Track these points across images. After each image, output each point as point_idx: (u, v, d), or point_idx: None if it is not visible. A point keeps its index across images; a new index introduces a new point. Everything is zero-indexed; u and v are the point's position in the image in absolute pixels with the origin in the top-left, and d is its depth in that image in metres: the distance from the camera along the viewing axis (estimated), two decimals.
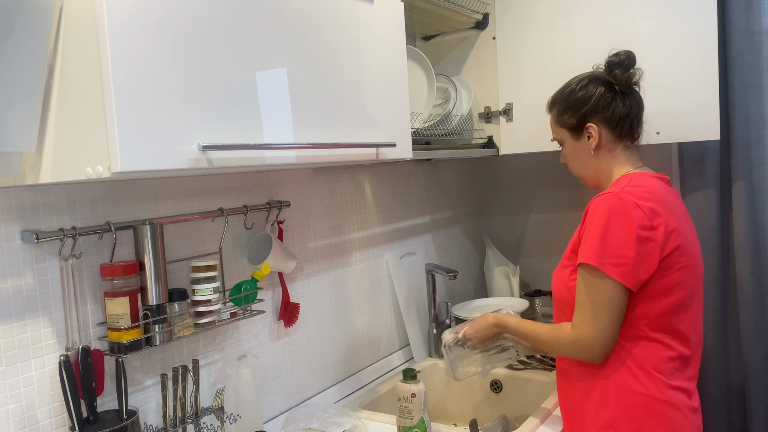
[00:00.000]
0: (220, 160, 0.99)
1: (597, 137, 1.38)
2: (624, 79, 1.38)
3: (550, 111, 1.48)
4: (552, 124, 1.48)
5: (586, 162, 1.43)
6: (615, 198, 1.25)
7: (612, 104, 1.37)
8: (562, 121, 1.43)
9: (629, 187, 1.28)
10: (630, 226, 1.23)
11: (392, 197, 2.07)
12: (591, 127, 1.39)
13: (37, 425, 1.11)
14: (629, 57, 1.38)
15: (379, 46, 1.35)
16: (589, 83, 1.40)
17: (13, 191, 1.08)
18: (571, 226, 2.40)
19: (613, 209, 1.24)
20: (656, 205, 1.26)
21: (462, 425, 1.81)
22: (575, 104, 1.40)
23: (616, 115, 1.38)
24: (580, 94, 1.40)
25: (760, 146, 1.84)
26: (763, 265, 1.87)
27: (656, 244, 1.24)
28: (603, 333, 1.25)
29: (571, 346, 1.30)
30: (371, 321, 1.93)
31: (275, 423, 1.56)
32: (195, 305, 1.29)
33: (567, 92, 1.43)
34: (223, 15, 1.00)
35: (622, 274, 1.23)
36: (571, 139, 1.43)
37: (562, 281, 1.37)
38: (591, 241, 1.25)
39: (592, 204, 1.29)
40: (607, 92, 1.38)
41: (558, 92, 1.46)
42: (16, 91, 0.91)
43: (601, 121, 1.38)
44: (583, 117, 1.39)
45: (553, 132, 1.48)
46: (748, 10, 1.80)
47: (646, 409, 1.27)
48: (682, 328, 1.29)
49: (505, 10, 2.04)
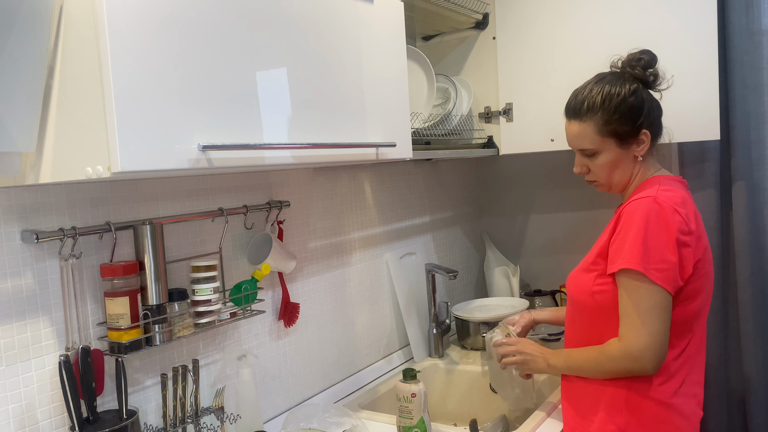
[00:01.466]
0: (220, 160, 0.99)
1: (648, 143, 1.33)
2: (657, 79, 1.36)
3: (585, 119, 1.34)
4: (588, 133, 1.34)
5: (626, 169, 1.35)
6: (653, 203, 1.23)
7: (654, 107, 1.35)
8: (611, 129, 1.32)
9: (662, 191, 1.26)
10: (670, 230, 1.21)
11: (392, 197, 2.07)
12: (645, 134, 1.32)
13: (37, 425, 1.11)
14: (653, 55, 1.35)
15: (379, 46, 1.35)
16: (637, 87, 1.33)
17: (13, 191, 1.08)
18: (572, 226, 2.40)
19: (653, 213, 1.22)
20: (689, 211, 1.26)
21: (462, 425, 1.81)
22: (631, 111, 1.31)
23: (657, 118, 1.35)
24: (633, 99, 1.31)
25: (760, 146, 1.84)
26: (764, 266, 1.87)
27: (692, 249, 1.24)
28: (654, 339, 1.20)
29: (622, 360, 1.23)
30: (371, 321, 1.93)
31: (275, 423, 1.56)
32: (195, 305, 1.29)
33: (615, 98, 1.31)
34: (223, 15, 1.00)
35: (665, 279, 1.20)
36: (616, 147, 1.33)
37: (585, 286, 1.33)
38: (631, 246, 1.21)
39: (628, 208, 1.25)
40: (649, 93, 1.35)
41: (592, 97, 1.33)
42: (16, 91, 0.91)
43: (649, 126, 1.33)
44: (640, 124, 1.32)
45: (588, 141, 1.34)
46: (748, 10, 1.80)
47: (657, 416, 1.26)
48: (698, 332, 1.29)
49: (505, 10, 2.03)
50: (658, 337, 1.21)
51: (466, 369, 1.97)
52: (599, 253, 1.31)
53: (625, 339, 1.23)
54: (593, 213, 2.35)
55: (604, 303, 1.29)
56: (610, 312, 1.28)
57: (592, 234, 2.24)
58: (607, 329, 1.30)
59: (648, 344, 1.20)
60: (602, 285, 1.29)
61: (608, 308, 1.29)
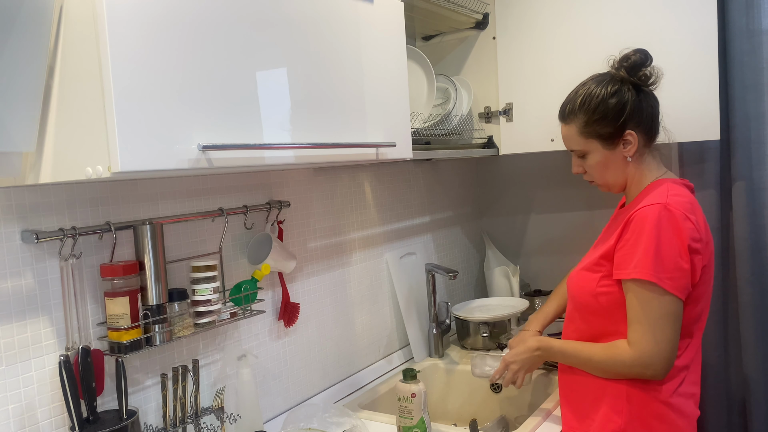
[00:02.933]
0: (220, 160, 0.99)
1: (635, 143, 1.31)
2: (649, 78, 1.33)
3: (568, 121, 1.36)
4: (573, 135, 1.36)
5: (618, 170, 1.35)
6: (664, 210, 1.22)
7: (643, 106, 1.32)
8: (592, 131, 1.32)
9: (672, 197, 1.25)
10: (682, 238, 1.21)
11: (392, 197, 2.07)
12: (629, 134, 1.31)
13: (37, 425, 1.11)
14: (646, 54, 1.33)
15: (379, 46, 1.35)
16: (619, 88, 1.31)
17: (13, 191, 1.08)
18: (572, 226, 2.40)
19: (663, 221, 1.21)
20: (699, 217, 1.26)
21: (462, 425, 1.81)
22: (610, 112, 1.30)
23: (648, 118, 1.33)
24: (613, 101, 1.30)
25: (760, 146, 1.84)
26: (764, 266, 1.87)
27: (702, 257, 1.24)
28: (665, 347, 1.21)
29: (633, 365, 1.24)
30: (371, 321, 1.93)
31: (275, 423, 1.56)
32: (195, 305, 1.29)
33: (594, 100, 1.32)
34: (224, 15, 1.00)
35: (678, 287, 1.21)
36: (602, 148, 1.33)
37: (587, 287, 1.33)
38: (644, 255, 1.21)
39: (638, 215, 1.24)
40: (636, 94, 1.31)
41: (575, 99, 1.35)
42: (16, 91, 0.91)
43: (636, 126, 1.31)
44: (622, 125, 1.30)
45: (574, 143, 1.37)
46: (748, 10, 1.80)
47: (658, 416, 1.26)
48: (697, 332, 1.29)
49: (505, 10, 2.03)
50: (670, 344, 1.22)
51: (466, 369, 1.97)
52: (604, 254, 1.30)
53: (637, 347, 1.23)
54: (593, 213, 2.35)
55: (608, 305, 1.29)
56: (612, 313, 1.28)
57: (592, 234, 2.24)
58: (607, 329, 1.30)
59: (659, 351, 1.21)
60: (606, 287, 1.29)
61: (611, 310, 1.29)
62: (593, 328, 1.33)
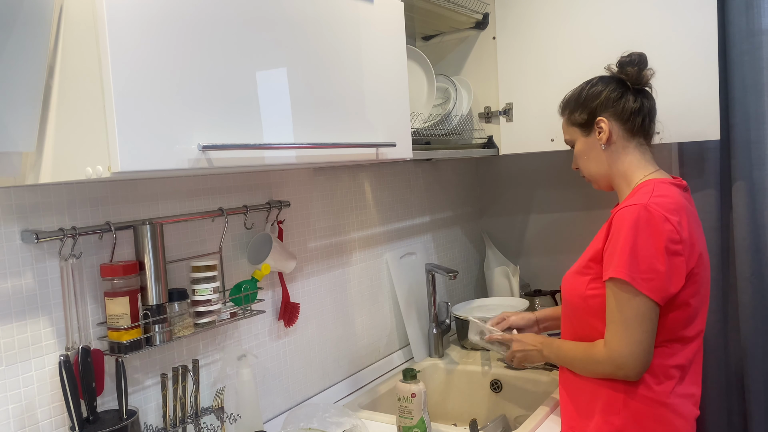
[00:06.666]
0: (220, 160, 0.99)
1: (607, 131, 1.37)
2: (635, 76, 1.38)
3: (563, 113, 1.48)
4: (564, 126, 1.48)
5: (597, 159, 1.41)
6: (643, 210, 1.22)
7: (622, 99, 1.37)
8: (573, 119, 1.43)
9: (655, 198, 1.25)
10: (659, 239, 1.21)
11: (392, 197, 2.07)
12: (601, 121, 1.38)
13: (37, 425, 1.11)
14: (641, 58, 1.39)
15: (379, 46, 1.35)
16: (599, 81, 1.41)
17: (13, 191, 1.08)
18: (572, 226, 2.40)
19: (641, 221, 1.21)
20: (682, 218, 1.25)
21: (462, 425, 1.81)
22: (585, 101, 1.41)
23: (627, 110, 1.37)
24: (590, 90, 1.41)
25: (760, 146, 1.84)
26: (763, 266, 1.87)
27: (684, 258, 1.23)
28: (637, 348, 1.22)
29: (606, 364, 1.26)
30: (371, 321, 1.93)
31: (275, 423, 1.56)
32: (195, 305, 1.29)
33: (578, 92, 1.44)
34: (224, 15, 1.00)
35: (653, 288, 1.21)
36: (581, 136, 1.42)
37: (577, 290, 1.34)
38: (620, 255, 1.22)
39: (618, 215, 1.25)
40: (617, 87, 1.38)
41: (569, 94, 1.47)
42: (16, 91, 0.91)
43: (612, 116, 1.37)
44: (593, 112, 1.39)
45: (565, 133, 1.48)
46: (748, 10, 1.80)
47: (655, 416, 1.27)
48: (693, 333, 1.29)
49: (505, 10, 2.04)
50: (642, 345, 1.22)
51: (466, 369, 1.97)
52: (592, 257, 1.31)
53: (609, 345, 1.25)
54: (593, 213, 2.35)
55: (597, 307, 1.30)
56: (603, 315, 1.29)
57: (591, 234, 2.23)
58: (599, 330, 1.31)
59: (631, 352, 1.22)
60: (595, 289, 1.30)
61: (601, 312, 1.29)
62: (586, 330, 1.34)
